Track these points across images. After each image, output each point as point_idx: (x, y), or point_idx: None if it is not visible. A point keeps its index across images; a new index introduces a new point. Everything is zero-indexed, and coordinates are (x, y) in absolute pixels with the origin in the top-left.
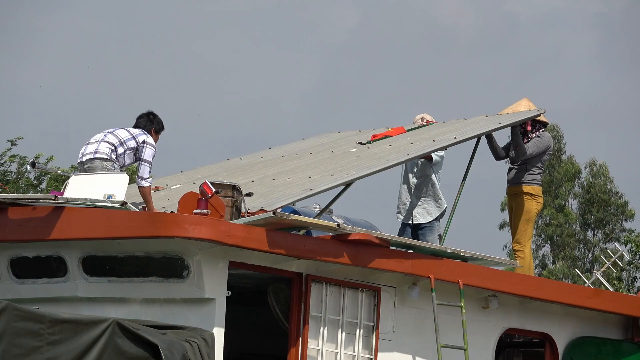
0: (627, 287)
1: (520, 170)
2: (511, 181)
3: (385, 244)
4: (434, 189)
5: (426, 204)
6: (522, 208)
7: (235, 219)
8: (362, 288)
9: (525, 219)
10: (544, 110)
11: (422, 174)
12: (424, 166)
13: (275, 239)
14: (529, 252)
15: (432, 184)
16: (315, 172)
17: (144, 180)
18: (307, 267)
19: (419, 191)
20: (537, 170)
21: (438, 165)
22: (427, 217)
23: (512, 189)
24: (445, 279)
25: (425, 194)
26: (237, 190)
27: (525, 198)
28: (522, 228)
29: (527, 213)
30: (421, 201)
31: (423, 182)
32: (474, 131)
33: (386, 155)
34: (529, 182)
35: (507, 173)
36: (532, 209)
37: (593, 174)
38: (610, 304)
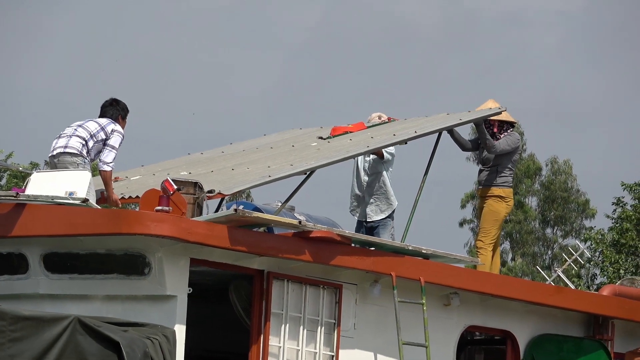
0: (587, 285)
1: (491, 172)
2: (482, 183)
3: (346, 241)
4: (385, 187)
5: (378, 202)
6: (491, 210)
7: (196, 216)
8: (324, 285)
9: (493, 219)
10: (504, 108)
11: (374, 172)
12: (375, 163)
13: (236, 236)
14: (490, 250)
15: (383, 182)
16: (275, 163)
17: (106, 165)
18: (269, 265)
19: (371, 189)
20: (508, 171)
21: (389, 163)
22: (380, 214)
23: (483, 190)
24: (406, 276)
25: (377, 192)
26: (198, 187)
27: (495, 200)
28: (488, 228)
29: (495, 214)
30: (373, 199)
31: (374, 179)
32: (435, 126)
33: (346, 147)
34: (500, 184)
35: (478, 174)
36: (501, 211)
37: (554, 172)
38: (571, 302)
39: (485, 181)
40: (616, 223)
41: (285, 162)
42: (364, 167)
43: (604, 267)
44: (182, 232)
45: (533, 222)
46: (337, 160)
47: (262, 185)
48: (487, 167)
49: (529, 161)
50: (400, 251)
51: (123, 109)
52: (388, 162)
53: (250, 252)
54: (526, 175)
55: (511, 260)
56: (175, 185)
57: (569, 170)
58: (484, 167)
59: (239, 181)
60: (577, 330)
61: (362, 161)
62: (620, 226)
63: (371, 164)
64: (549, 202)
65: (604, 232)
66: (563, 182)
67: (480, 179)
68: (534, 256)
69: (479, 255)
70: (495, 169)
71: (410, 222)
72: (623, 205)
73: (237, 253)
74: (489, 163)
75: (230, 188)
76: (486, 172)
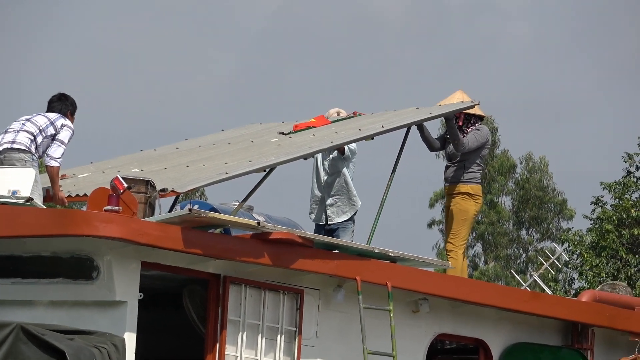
0: (565, 289)
1: (458, 168)
2: (448, 180)
3: (308, 243)
4: (347, 186)
5: (340, 203)
6: (459, 208)
7: (148, 217)
8: (284, 290)
9: (462, 219)
10: (477, 102)
11: (334, 170)
12: (335, 161)
13: (191, 237)
14: (461, 253)
15: (345, 181)
16: (232, 160)
17: (54, 160)
18: (225, 268)
19: (331, 189)
20: (476, 167)
21: (350, 160)
22: (342, 216)
23: (450, 188)
24: (372, 281)
25: (338, 192)
26: (150, 185)
27: (463, 198)
28: (457, 229)
29: (463, 213)
30: (334, 200)
31: (335, 178)
32: (404, 121)
33: (309, 143)
34: (468, 181)
35: (445, 171)
36: (469, 209)
37: (529, 169)
38: (548, 308)
39: (452, 178)
40: (595, 224)
41: (244, 158)
42: (323, 166)
43: (583, 271)
44: (133, 234)
45: (507, 223)
46: (299, 156)
47: (219, 183)
48: (453, 162)
49: (502, 158)
50: (366, 254)
51: (72, 104)
52: (349, 159)
53: (206, 255)
54: (499, 172)
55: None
56: (126, 183)
57: (544, 168)
58: (451, 162)
59: (193, 179)
60: (555, 339)
61: (322, 160)
62: (600, 227)
63: (331, 162)
64: (524, 201)
65: (583, 234)
66: (539, 181)
67: (446, 175)
68: (508, 259)
69: (449, 259)
70: (462, 165)
71: (377, 223)
72: (602, 204)
73: (191, 256)
74: (455, 159)
75: (185, 186)
76: (453, 168)
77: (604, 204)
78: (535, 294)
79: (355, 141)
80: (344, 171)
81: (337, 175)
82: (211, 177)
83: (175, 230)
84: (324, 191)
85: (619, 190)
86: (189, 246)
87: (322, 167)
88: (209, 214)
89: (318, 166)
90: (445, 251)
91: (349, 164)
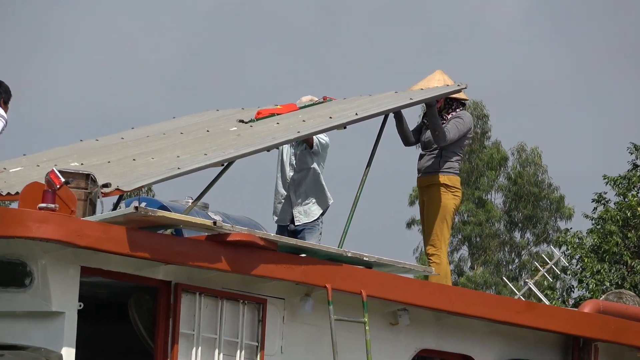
0: (563, 299)
1: (434, 157)
2: (423, 170)
3: (272, 246)
4: (316, 184)
5: (308, 202)
6: (436, 203)
7: (89, 215)
8: (244, 300)
9: (441, 216)
10: (465, 86)
11: (302, 166)
12: (303, 156)
13: (138, 239)
14: (445, 257)
15: (314, 178)
16: (185, 152)
17: None
18: (177, 275)
19: (299, 187)
20: (455, 157)
21: (321, 155)
22: (309, 216)
23: (424, 179)
24: (345, 289)
25: (307, 190)
26: (91, 180)
27: (440, 191)
28: (437, 228)
29: (442, 209)
30: (301, 199)
31: (304, 176)
32: (380, 107)
33: (272, 133)
34: (445, 171)
35: (418, 160)
36: (448, 203)
37: (522, 162)
38: (545, 320)
39: (427, 168)
40: (597, 224)
41: (199, 150)
42: (290, 160)
43: (583, 277)
44: (71, 235)
45: (497, 224)
46: (262, 148)
47: (170, 179)
48: (429, 151)
49: (492, 150)
50: (338, 259)
51: (5, 91)
52: (318, 154)
53: (155, 260)
54: (489, 166)
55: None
56: (63, 178)
57: (537, 160)
58: (426, 151)
59: (141, 174)
60: (553, 355)
61: (288, 153)
62: (602, 228)
63: (298, 157)
64: (517, 199)
65: (583, 236)
66: (533, 175)
67: (420, 165)
68: (499, 265)
69: (431, 264)
70: (439, 154)
71: (350, 224)
72: (605, 202)
73: (138, 260)
74: (431, 147)
75: (131, 183)
76: (428, 157)
77: (607, 202)
78: (531, 303)
79: (325, 131)
80: (313, 167)
81: (305, 171)
82: (161, 172)
83: (119, 231)
84: (290, 189)
85: (624, 185)
86: (136, 249)
87: (287, 162)
88: (158, 213)
89: (283, 160)
90: (427, 255)
91: (319, 160)
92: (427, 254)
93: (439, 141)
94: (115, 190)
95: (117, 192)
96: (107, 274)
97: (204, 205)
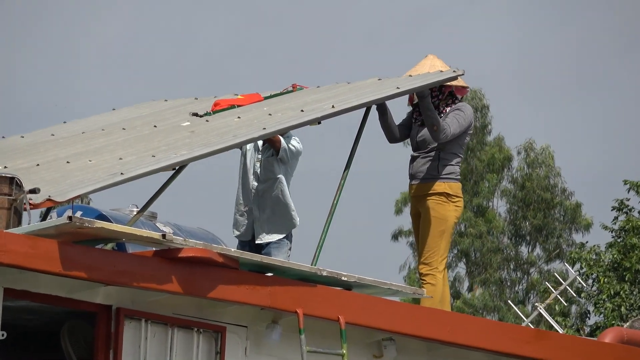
0: (577, 327)
1: (431, 160)
2: (417, 176)
3: (232, 263)
4: (284, 197)
5: (274, 217)
6: (434, 215)
7: (14, 227)
8: (199, 328)
9: (439, 230)
10: (462, 72)
11: (268, 176)
12: (269, 164)
13: (71, 255)
14: (441, 278)
15: (281, 190)
16: (130, 153)
17: None
18: (119, 298)
19: (264, 200)
20: (455, 159)
21: (290, 163)
22: (275, 234)
23: (419, 187)
24: (319, 314)
25: (273, 204)
26: (16, 184)
27: (438, 200)
28: (434, 243)
29: (441, 222)
30: (266, 213)
31: (268, 187)
32: (362, 98)
33: (233, 130)
34: (445, 177)
35: (410, 164)
36: (449, 216)
37: (530, 163)
38: (559, 353)
39: (423, 174)
40: (617, 237)
41: (145, 151)
42: (254, 167)
43: (599, 300)
44: None
45: (500, 236)
46: (220, 149)
47: (112, 187)
48: (423, 152)
49: (493, 149)
50: (311, 279)
51: None
52: (286, 162)
53: (92, 280)
54: (489, 168)
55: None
56: None
57: (549, 161)
58: (420, 152)
59: (77, 181)
60: None
61: (252, 158)
62: (624, 242)
63: (264, 164)
64: (524, 207)
65: (600, 251)
66: (544, 178)
67: (414, 170)
68: (502, 285)
69: (425, 285)
70: (436, 156)
71: (325, 237)
72: (628, 210)
73: (72, 281)
74: (425, 147)
75: (66, 192)
76: (423, 160)
77: (630, 210)
78: (541, 332)
79: (297, 127)
80: (279, 177)
81: (271, 182)
82: (101, 178)
83: (50, 246)
84: (253, 201)
85: None
86: (69, 267)
87: (251, 169)
88: (97, 224)
89: (247, 166)
90: (419, 275)
91: (287, 169)
92: (420, 274)
93: (438, 136)
94: (46, 201)
95: (49, 202)
96: (35, 297)
97: (151, 215)
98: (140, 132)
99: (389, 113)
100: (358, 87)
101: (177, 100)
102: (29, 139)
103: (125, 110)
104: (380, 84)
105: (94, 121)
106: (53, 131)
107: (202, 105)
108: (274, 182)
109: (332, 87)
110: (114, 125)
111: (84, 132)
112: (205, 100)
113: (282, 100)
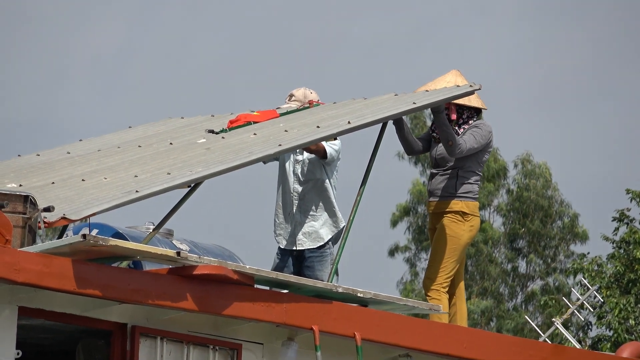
0: (578, 338)
1: (449, 177)
2: (435, 193)
3: (247, 280)
4: (327, 200)
5: (315, 223)
6: (448, 233)
7: (28, 245)
8: (215, 345)
9: (451, 248)
10: (478, 86)
11: (310, 178)
12: (313, 166)
13: (86, 274)
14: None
15: (324, 193)
16: (145, 170)
17: None
18: (134, 316)
19: (306, 203)
20: (474, 177)
21: (333, 165)
22: (317, 241)
23: (437, 205)
24: (335, 331)
25: (316, 208)
26: (31, 203)
27: (453, 219)
28: (443, 260)
29: (454, 241)
30: (308, 218)
31: (311, 189)
32: (376, 114)
33: (249, 146)
34: (463, 195)
35: (429, 181)
36: (463, 235)
37: (526, 174)
38: None
39: (441, 191)
40: (619, 247)
41: (161, 168)
42: (294, 170)
43: (603, 313)
44: (6, 269)
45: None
46: (236, 166)
47: (127, 204)
48: (443, 170)
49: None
50: (327, 295)
51: None
52: (332, 164)
53: (107, 298)
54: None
55: None
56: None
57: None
58: (438, 170)
59: (92, 199)
60: None
61: (293, 163)
62: (627, 253)
63: (307, 166)
64: (521, 216)
65: (602, 262)
66: (541, 188)
67: (432, 187)
68: (499, 297)
69: (430, 301)
70: (455, 174)
71: (341, 253)
72: (630, 221)
73: (87, 299)
74: (445, 165)
75: (80, 210)
76: (442, 177)
77: (631, 221)
78: (560, 347)
79: (313, 142)
80: (321, 178)
81: (314, 184)
82: (116, 196)
83: (65, 265)
84: (296, 206)
85: None
86: (84, 285)
87: (291, 171)
88: (112, 242)
89: (287, 172)
90: (425, 291)
91: (331, 170)
92: (426, 291)
93: (453, 151)
94: (61, 219)
95: (64, 221)
96: (50, 315)
97: (167, 233)
98: (156, 149)
99: (405, 126)
100: (374, 103)
101: (193, 118)
102: (45, 157)
103: (141, 127)
104: (397, 99)
105: (110, 139)
106: (69, 149)
107: (218, 122)
108: (315, 183)
109: (348, 103)
110: (129, 142)
111: (100, 150)
112: (222, 117)
113: (299, 116)
